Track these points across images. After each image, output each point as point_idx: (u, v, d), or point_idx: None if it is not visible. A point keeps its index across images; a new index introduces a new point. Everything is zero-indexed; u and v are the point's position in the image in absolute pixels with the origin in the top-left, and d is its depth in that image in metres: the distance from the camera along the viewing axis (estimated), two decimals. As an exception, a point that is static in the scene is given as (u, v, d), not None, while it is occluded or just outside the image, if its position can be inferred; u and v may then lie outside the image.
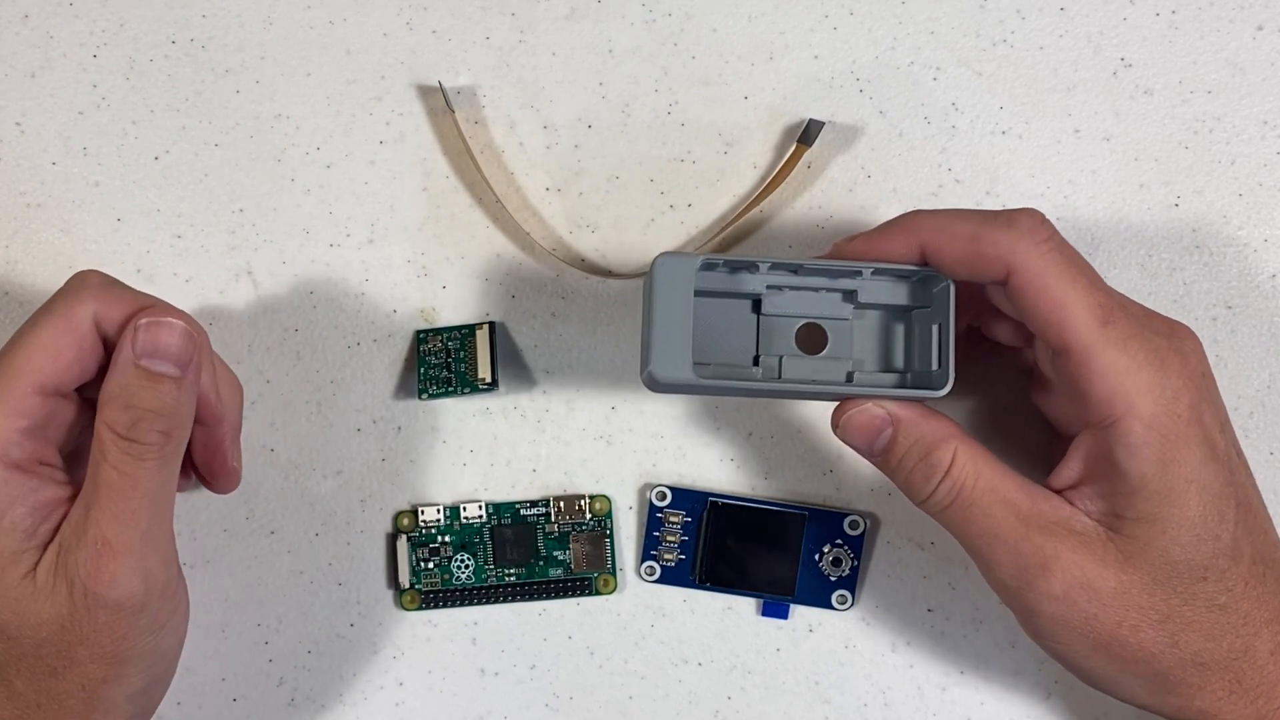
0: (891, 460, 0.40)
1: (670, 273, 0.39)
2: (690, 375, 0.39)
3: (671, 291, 0.39)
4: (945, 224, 0.39)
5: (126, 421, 0.39)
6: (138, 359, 0.39)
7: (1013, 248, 0.38)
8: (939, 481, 0.39)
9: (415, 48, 0.48)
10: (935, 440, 0.39)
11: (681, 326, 0.39)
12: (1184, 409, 0.37)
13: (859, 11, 0.48)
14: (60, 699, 0.39)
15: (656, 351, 0.39)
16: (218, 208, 0.48)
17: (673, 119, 0.48)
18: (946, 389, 0.39)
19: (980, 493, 0.39)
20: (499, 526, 0.47)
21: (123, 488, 0.39)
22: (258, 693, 0.48)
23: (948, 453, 0.39)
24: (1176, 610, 0.38)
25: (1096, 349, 0.37)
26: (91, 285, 0.41)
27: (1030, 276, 0.38)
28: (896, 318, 0.42)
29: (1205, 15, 0.47)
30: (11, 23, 0.49)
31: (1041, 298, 0.38)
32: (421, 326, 0.48)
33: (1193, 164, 0.47)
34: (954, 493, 0.39)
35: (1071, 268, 0.38)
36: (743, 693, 0.47)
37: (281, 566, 0.48)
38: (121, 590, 0.39)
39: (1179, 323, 0.40)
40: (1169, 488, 0.37)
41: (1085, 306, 0.38)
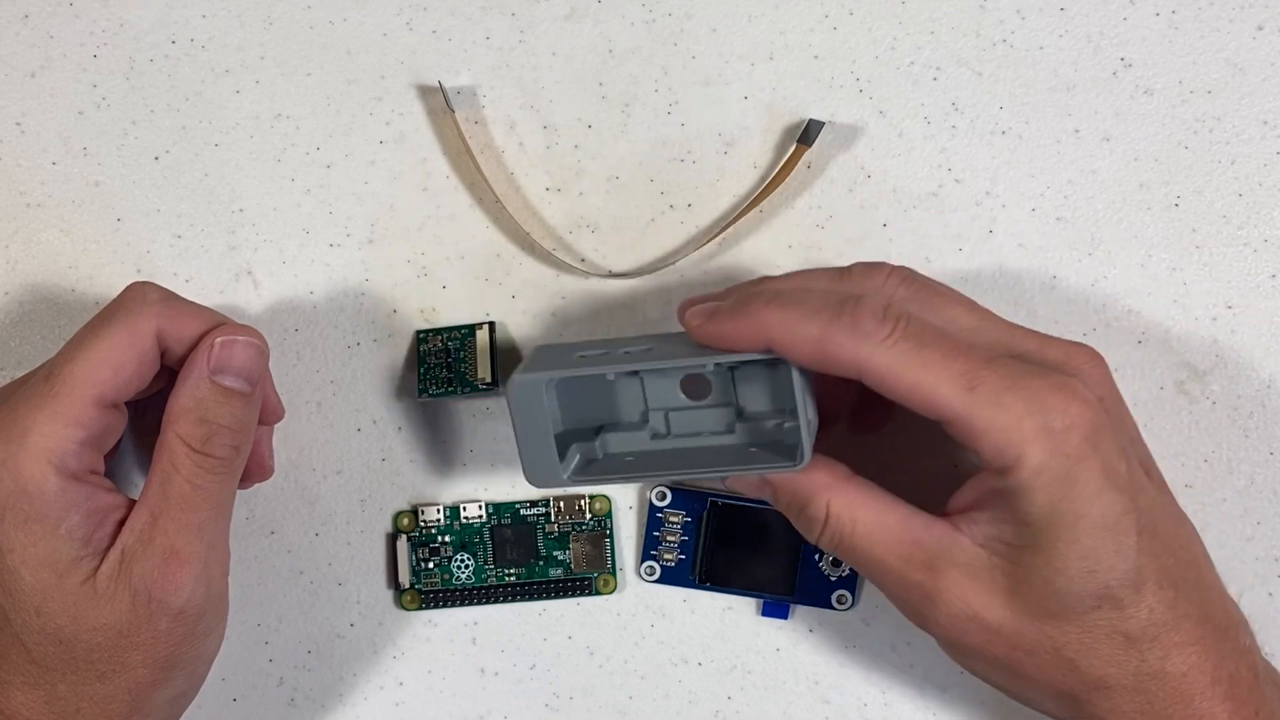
0: (780, 509, 0.42)
1: (524, 395, 0.40)
2: (562, 480, 0.41)
3: (529, 411, 0.40)
4: (791, 324, 0.38)
5: (202, 435, 0.40)
6: (212, 375, 0.41)
7: (857, 352, 0.38)
8: (820, 531, 0.41)
9: (415, 48, 0.48)
10: (807, 496, 0.41)
11: (544, 441, 0.40)
12: (1074, 446, 0.37)
13: (859, 11, 0.48)
14: (104, 703, 0.40)
15: (527, 467, 0.41)
16: (218, 208, 0.48)
17: (673, 119, 0.48)
18: (802, 465, 0.39)
19: (859, 538, 0.40)
20: (499, 526, 0.47)
21: (194, 499, 0.40)
22: (258, 693, 0.48)
23: (820, 507, 0.40)
24: (1073, 638, 0.38)
25: (971, 414, 0.37)
26: (154, 300, 0.42)
27: (880, 375, 0.38)
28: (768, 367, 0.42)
29: (1205, 15, 0.47)
30: (11, 23, 0.49)
31: (899, 386, 0.38)
32: (421, 326, 0.48)
33: (1193, 164, 0.47)
34: (835, 539, 0.40)
35: (921, 350, 0.38)
36: (743, 693, 0.47)
37: (281, 566, 0.48)
38: (185, 598, 0.40)
39: (1076, 346, 0.40)
40: (1058, 524, 0.37)
41: (944, 382, 0.37)
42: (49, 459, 0.39)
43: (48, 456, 0.39)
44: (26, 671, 0.40)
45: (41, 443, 0.39)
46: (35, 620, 0.39)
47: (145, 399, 0.43)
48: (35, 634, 0.39)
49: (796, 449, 0.40)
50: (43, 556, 0.39)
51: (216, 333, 0.41)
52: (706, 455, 0.42)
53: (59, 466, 0.39)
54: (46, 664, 0.40)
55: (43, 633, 0.39)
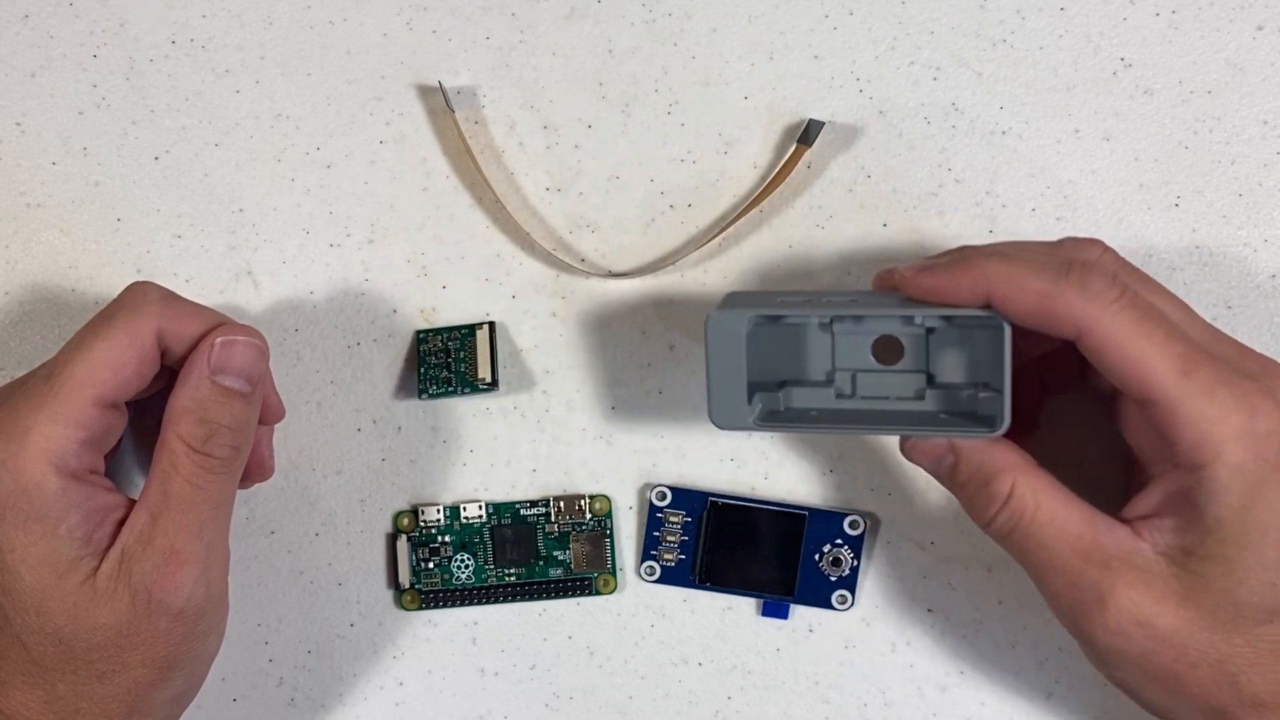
0: (954, 485, 0.41)
1: (721, 332, 0.40)
2: (749, 424, 0.41)
3: (724, 348, 0.40)
4: (1017, 278, 0.38)
5: (202, 435, 0.40)
6: (213, 375, 0.41)
7: (1085, 311, 0.37)
8: (997, 510, 0.39)
9: (415, 48, 0.48)
10: (994, 470, 0.39)
11: (736, 381, 0.40)
12: (1274, 453, 0.37)
13: (859, 11, 0.48)
14: (103, 703, 0.40)
15: (715, 407, 0.41)
16: (218, 208, 0.48)
17: (673, 119, 0.48)
18: (1001, 430, 0.39)
19: (1039, 525, 0.39)
20: (499, 526, 0.47)
21: (194, 499, 0.40)
22: (258, 693, 0.48)
23: (1006, 484, 0.39)
24: (1239, 650, 0.38)
25: (1181, 400, 0.37)
26: (154, 300, 0.42)
27: (1103, 338, 0.37)
28: (969, 330, 0.42)
29: (1205, 15, 0.47)
30: (11, 23, 0.49)
31: (1117, 356, 0.37)
32: (421, 326, 0.48)
33: (1193, 164, 0.47)
34: (1012, 522, 0.39)
35: (1146, 322, 0.37)
36: (743, 693, 0.47)
37: (281, 566, 0.48)
38: (185, 598, 0.40)
39: (1272, 361, 0.40)
40: (1245, 531, 0.37)
41: (1164, 360, 0.37)
42: (49, 459, 0.39)
43: (48, 456, 0.39)
44: (26, 671, 0.40)
45: (42, 443, 0.39)
46: (35, 620, 0.39)
47: (146, 399, 0.43)
48: (35, 634, 0.39)
49: (996, 415, 0.39)
50: (42, 556, 0.39)
51: (217, 333, 0.41)
52: (894, 417, 0.42)
53: (59, 466, 0.39)
54: (46, 664, 0.40)
55: (42, 632, 0.39)
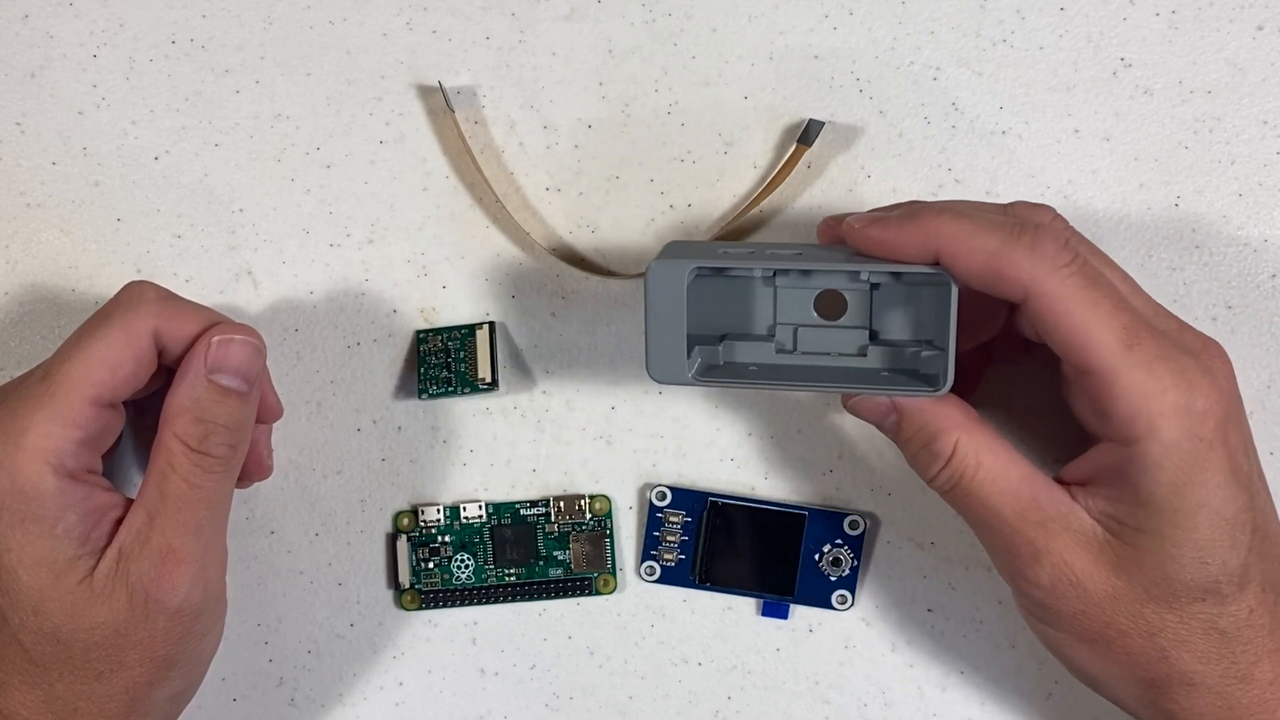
0: (898, 442, 0.41)
1: (662, 281, 0.40)
2: (687, 378, 0.40)
3: (664, 299, 0.40)
4: (967, 236, 0.38)
5: (198, 435, 0.40)
6: (209, 374, 0.41)
7: (1033, 273, 0.37)
8: (939, 469, 0.40)
9: (415, 48, 0.48)
10: (937, 430, 0.40)
11: (675, 333, 0.40)
12: (1209, 431, 0.37)
13: (859, 11, 0.48)
14: (101, 702, 0.40)
15: (653, 358, 0.40)
16: (218, 208, 0.48)
17: (673, 119, 0.48)
18: (943, 391, 0.39)
19: (979, 483, 0.39)
20: (499, 526, 0.47)
21: (190, 499, 0.40)
22: (258, 693, 0.48)
23: (948, 443, 0.39)
24: (1169, 625, 0.38)
25: (1119, 372, 0.37)
26: (151, 299, 0.42)
27: (1049, 303, 0.37)
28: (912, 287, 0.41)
29: (1205, 15, 0.47)
30: (11, 23, 0.49)
31: (1061, 322, 0.37)
32: (421, 326, 0.48)
33: (1193, 164, 0.47)
34: (953, 480, 0.40)
35: (1094, 290, 0.37)
36: (743, 693, 0.47)
37: (281, 566, 0.48)
38: (183, 597, 0.40)
39: (1211, 339, 0.40)
40: (1177, 508, 0.37)
41: (1107, 330, 0.37)
42: (46, 459, 0.39)
43: (45, 456, 0.39)
44: (24, 671, 0.40)
45: (39, 443, 0.39)
46: (33, 620, 0.39)
47: (144, 398, 0.43)
48: (33, 633, 0.39)
49: (939, 374, 0.39)
50: (40, 556, 0.39)
51: (213, 332, 0.41)
52: (836, 374, 0.41)
53: (56, 466, 0.39)
54: (44, 663, 0.40)
55: (40, 632, 0.39)
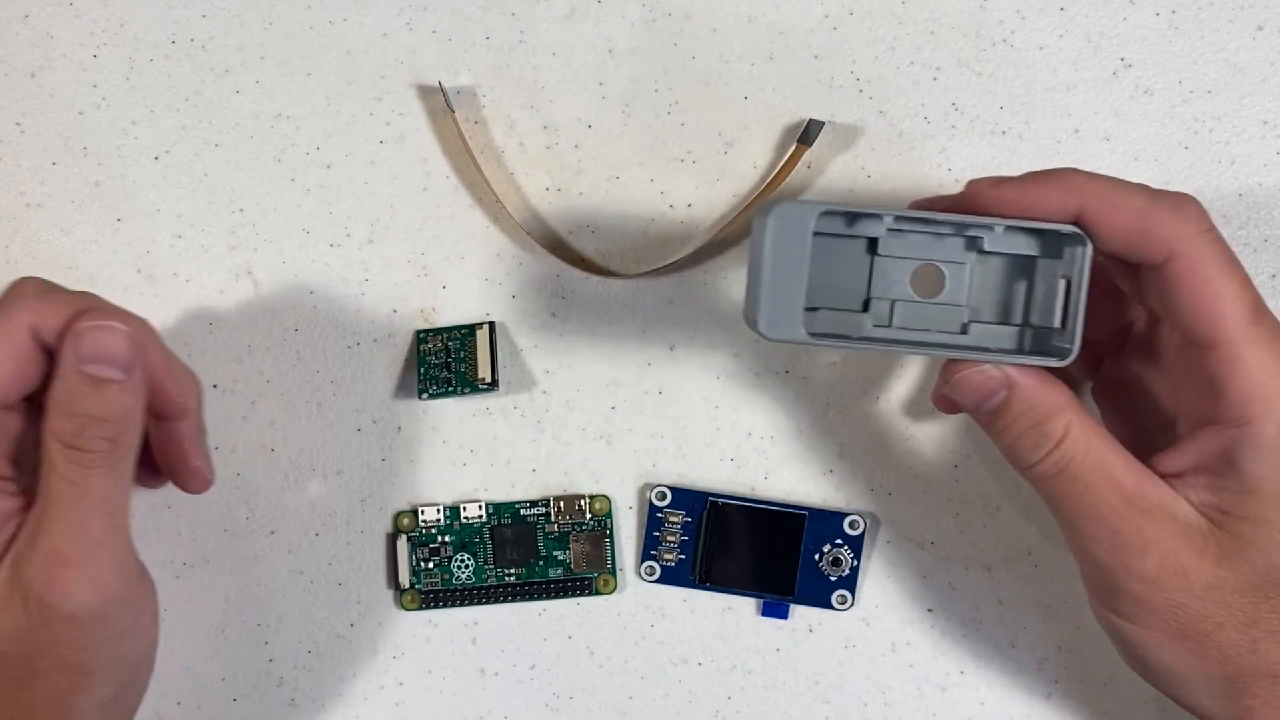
0: (999, 423, 0.39)
1: (786, 224, 0.36)
2: (801, 334, 0.37)
3: (786, 245, 0.36)
4: (1113, 193, 0.37)
5: (72, 430, 0.38)
6: (80, 365, 0.38)
7: (1179, 232, 0.37)
8: (1048, 451, 0.38)
9: (415, 48, 0.48)
10: (1050, 409, 0.38)
11: (793, 284, 0.36)
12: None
13: (859, 11, 0.48)
14: (29, 709, 0.39)
15: (765, 309, 0.37)
16: (218, 208, 0.48)
17: (673, 119, 0.48)
18: (1071, 358, 0.37)
19: (1088, 468, 0.38)
20: (499, 526, 0.47)
21: (72, 497, 0.38)
22: (258, 693, 0.48)
23: (1061, 424, 0.38)
24: (1264, 617, 0.38)
25: (1244, 347, 0.36)
26: (26, 294, 0.40)
27: (1192, 264, 0.37)
28: (1020, 267, 0.40)
29: (1205, 15, 0.47)
30: (11, 23, 0.49)
31: (1199, 288, 0.37)
32: (421, 326, 0.48)
33: (1193, 164, 0.47)
34: (1060, 464, 0.38)
35: (1231, 263, 0.37)
36: (743, 693, 0.47)
37: (281, 566, 0.48)
38: (75, 601, 0.38)
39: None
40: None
41: (1240, 302, 0.37)
42: None
43: None
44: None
45: None
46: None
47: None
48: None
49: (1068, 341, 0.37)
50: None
51: (81, 319, 0.39)
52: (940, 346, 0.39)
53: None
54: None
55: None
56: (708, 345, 0.48)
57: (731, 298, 0.48)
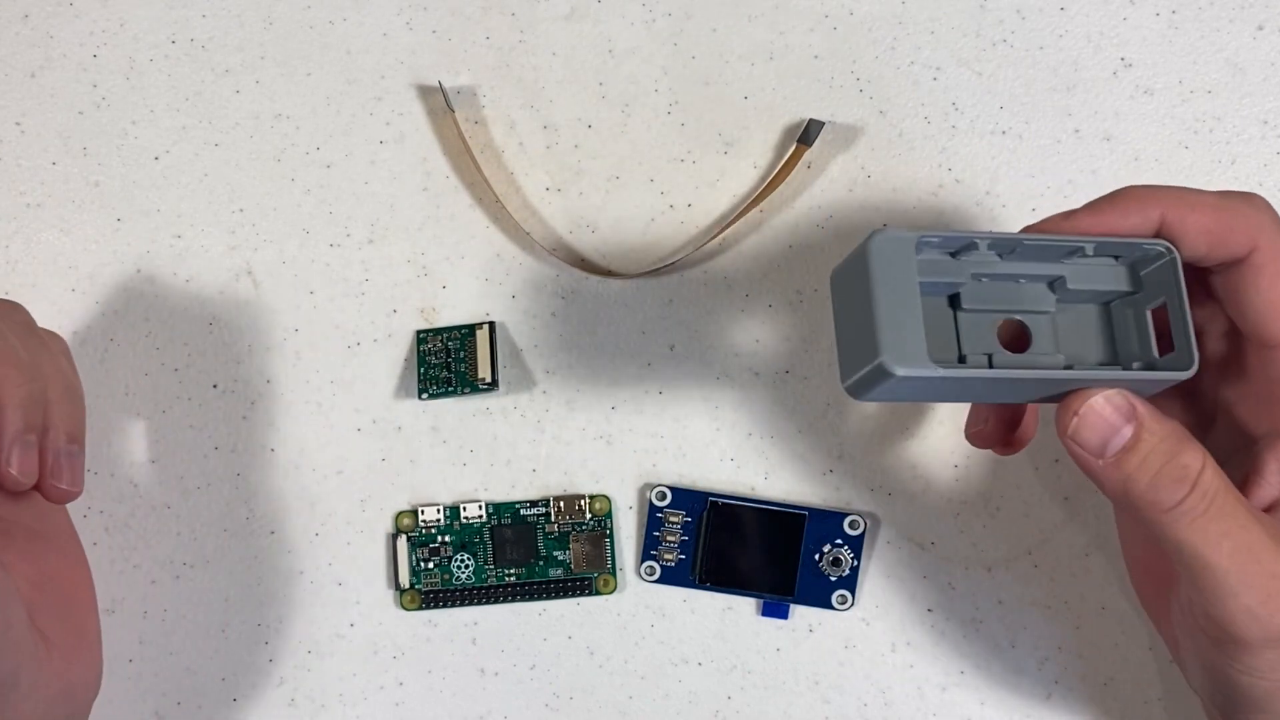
0: (1130, 462, 0.34)
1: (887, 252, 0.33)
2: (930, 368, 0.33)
3: (892, 273, 0.33)
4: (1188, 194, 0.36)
5: None
6: None
7: (1260, 224, 0.35)
8: (1191, 487, 0.33)
9: (415, 48, 0.48)
10: (1182, 439, 0.33)
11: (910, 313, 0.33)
12: None
13: (859, 11, 0.48)
14: None
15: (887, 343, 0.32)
16: (218, 208, 0.48)
17: (673, 119, 0.48)
18: (1193, 369, 0.34)
19: (1234, 504, 0.33)
20: (499, 526, 0.47)
21: None
22: (258, 693, 0.48)
23: (1198, 454, 0.33)
24: None
25: None
26: None
27: (1272, 257, 0.35)
28: (1097, 310, 0.38)
29: (1205, 15, 0.47)
30: (11, 23, 0.49)
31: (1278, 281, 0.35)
32: (421, 326, 0.48)
33: (1193, 164, 0.47)
34: (1208, 501, 0.33)
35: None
36: (743, 693, 0.47)
37: (281, 566, 0.48)
38: None
39: None
40: None
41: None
42: None
43: None
44: None
45: None
46: None
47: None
48: None
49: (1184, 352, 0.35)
50: None
51: None
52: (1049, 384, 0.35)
53: None
54: None
55: None
56: (708, 345, 0.48)
57: (732, 298, 0.48)
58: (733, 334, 0.48)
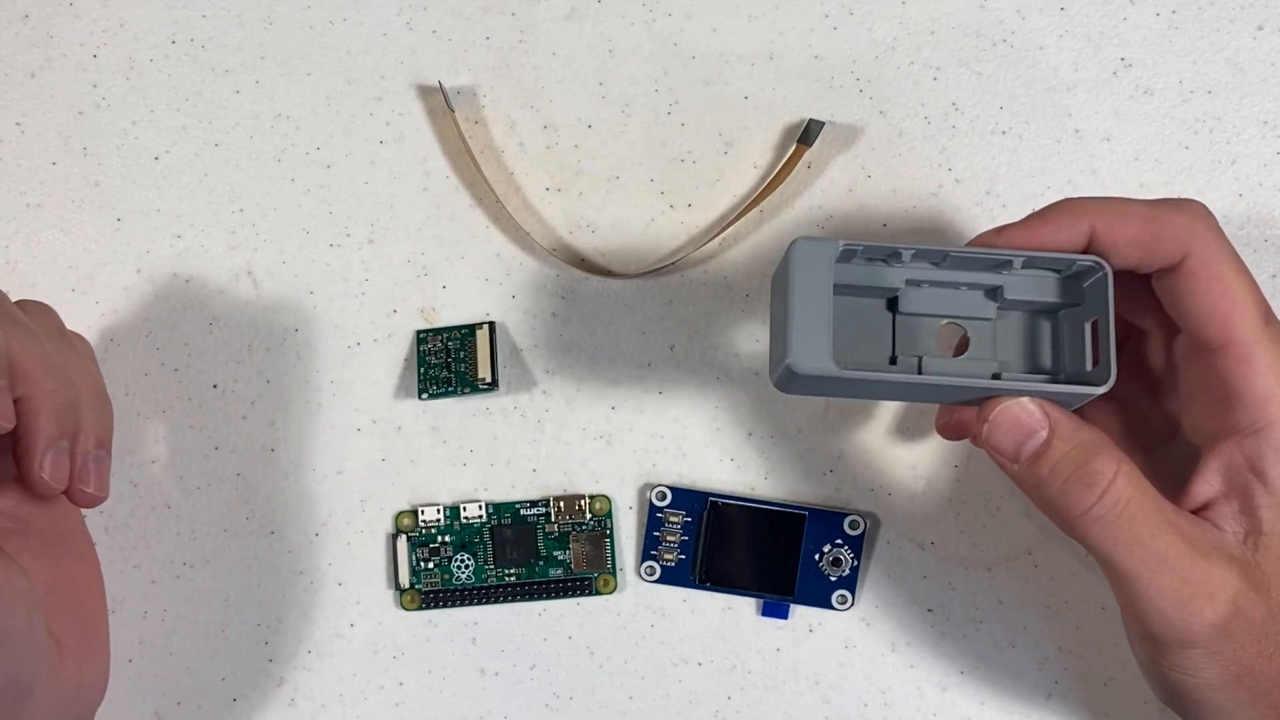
0: (1042, 468, 0.36)
1: (807, 258, 0.36)
2: (831, 368, 0.36)
3: (808, 278, 0.36)
4: (1118, 205, 0.36)
5: None
6: None
7: (1191, 230, 0.36)
8: (1101, 493, 0.35)
9: (415, 48, 0.48)
10: (1095, 446, 0.35)
11: (820, 317, 0.36)
12: None
13: (859, 11, 0.48)
14: None
15: (796, 344, 0.36)
16: (218, 208, 0.48)
17: (673, 119, 0.48)
18: (1109, 384, 0.36)
19: (1147, 510, 0.35)
20: (499, 526, 0.47)
21: None
22: (258, 693, 0.48)
23: (1111, 462, 0.35)
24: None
25: (1259, 346, 0.35)
26: None
27: (1206, 262, 0.36)
28: (1042, 319, 0.39)
29: (1205, 15, 0.47)
30: (11, 23, 0.49)
31: (1214, 286, 0.36)
32: (421, 326, 0.48)
33: (1193, 164, 0.47)
34: (1118, 507, 0.35)
35: (1240, 261, 0.36)
36: (743, 693, 0.47)
37: (281, 566, 0.48)
38: None
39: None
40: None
41: (1252, 302, 0.36)
42: None
43: None
44: None
45: None
46: None
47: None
48: None
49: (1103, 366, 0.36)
50: None
51: None
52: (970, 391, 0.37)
53: None
54: None
55: None
56: (708, 345, 0.48)
57: (732, 298, 0.48)
58: (733, 334, 0.48)
